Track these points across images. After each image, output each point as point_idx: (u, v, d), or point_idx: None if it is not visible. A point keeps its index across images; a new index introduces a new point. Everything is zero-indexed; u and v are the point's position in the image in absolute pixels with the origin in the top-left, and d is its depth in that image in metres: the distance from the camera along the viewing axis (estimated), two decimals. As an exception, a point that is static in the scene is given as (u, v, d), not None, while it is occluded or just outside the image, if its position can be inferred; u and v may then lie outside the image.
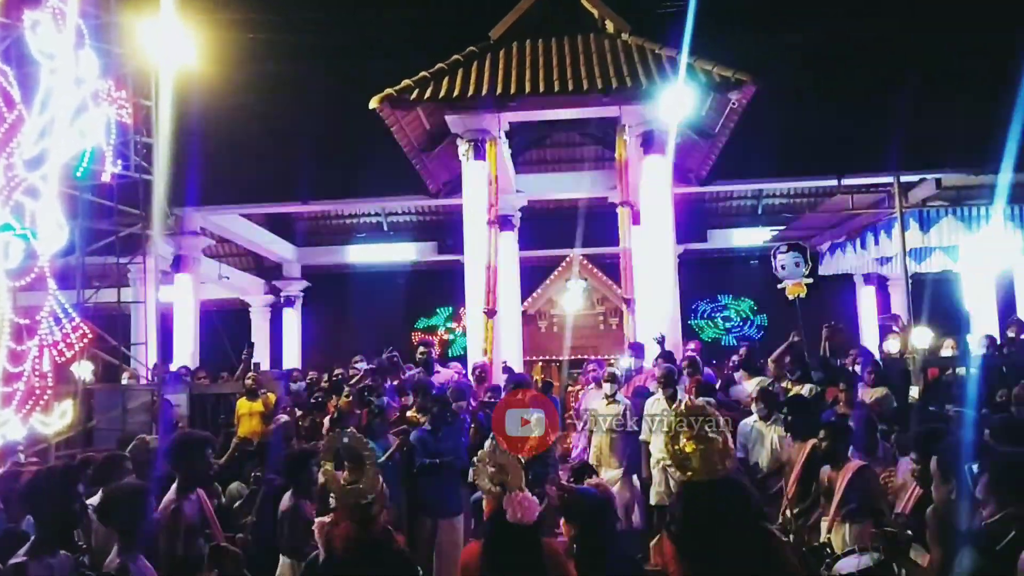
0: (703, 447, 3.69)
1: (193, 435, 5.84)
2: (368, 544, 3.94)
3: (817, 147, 14.26)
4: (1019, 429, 4.94)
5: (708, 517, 3.43)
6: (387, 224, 20.36)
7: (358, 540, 3.92)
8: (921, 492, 4.80)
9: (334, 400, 9.77)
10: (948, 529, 3.67)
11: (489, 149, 12.00)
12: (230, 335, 12.89)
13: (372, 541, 3.97)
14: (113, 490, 4.58)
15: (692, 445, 3.67)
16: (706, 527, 3.41)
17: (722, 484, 3.60)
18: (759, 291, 20.12)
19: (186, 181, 12.86)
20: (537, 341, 19.57)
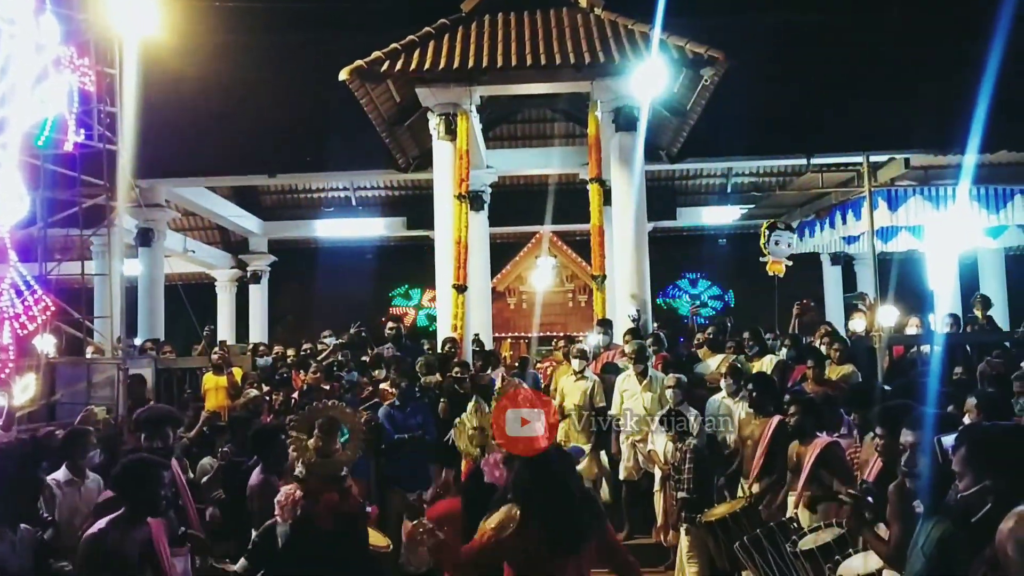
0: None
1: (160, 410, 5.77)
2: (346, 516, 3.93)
3: (787, 126, 14.34)
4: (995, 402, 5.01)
5: (547, 482, 3.51)
6: (356, 199, 20.18)
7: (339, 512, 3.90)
8: (883, 467, 4.87)
9: (301, 375, 9.73)
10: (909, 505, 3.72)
11: (460, 123, 11.89)
12: (196, 310, 12.72)
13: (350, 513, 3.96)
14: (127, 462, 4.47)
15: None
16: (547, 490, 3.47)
17: (553, 454, 3.74)
18: (727, 269, 20.29)
19: (151, 152, 12.62)
20: (506, 318, 19.61)
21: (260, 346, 12.05)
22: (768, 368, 8.68)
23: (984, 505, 2.62)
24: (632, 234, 11.88)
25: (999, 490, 2.57)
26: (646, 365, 8.62)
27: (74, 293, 10.21)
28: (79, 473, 5.66)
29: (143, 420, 5.45)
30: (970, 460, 2.69)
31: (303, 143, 15.46)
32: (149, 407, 6.11)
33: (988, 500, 2.61)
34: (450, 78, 11.77)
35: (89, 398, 8.57)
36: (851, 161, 12.22)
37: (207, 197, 17.53)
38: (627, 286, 11.74)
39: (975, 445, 2.73)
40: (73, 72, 8.39)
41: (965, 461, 2.71)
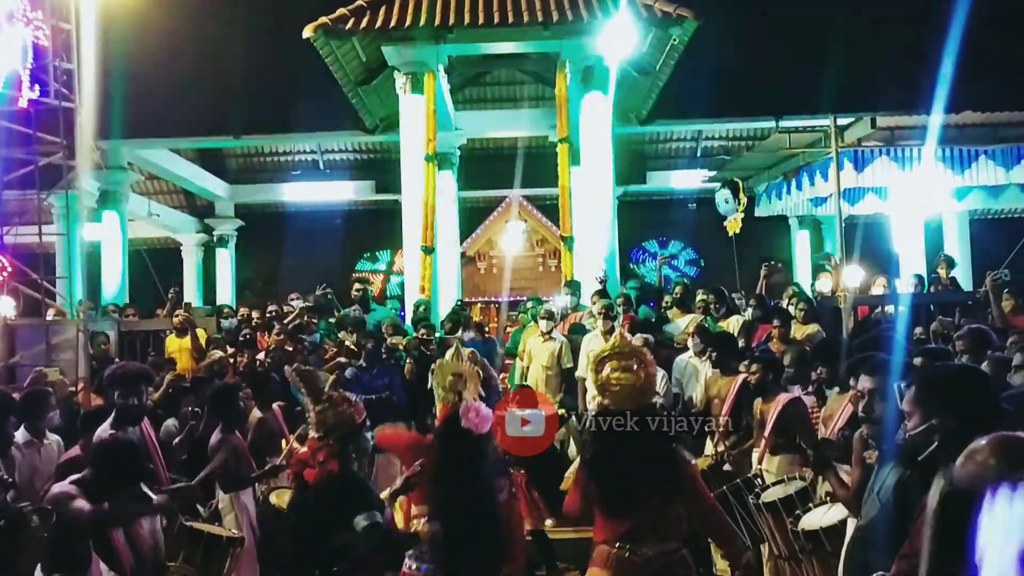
0: (625, 381, 3.84)
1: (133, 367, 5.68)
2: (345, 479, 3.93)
3: (756, 88, 14.32)
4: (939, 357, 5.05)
5: (619, 442, 3.62)
6: (323, 162, 19.92)
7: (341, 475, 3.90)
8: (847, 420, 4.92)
9: (267, 337, 9.64)
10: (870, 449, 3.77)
11: (427, 82, 11.75)
12: (161, 275, 12.55)
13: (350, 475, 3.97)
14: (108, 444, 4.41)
15: (616, 377, 3.82)
16: (616, 450, 3.61)
17: (637, 413, 3.78)
18: (696, 232, 20.33)
19: (112, 112, 12.35)
20: (476, 282, 19.56)
21: (225, 308, 11.91)
22: (735, 328, 8.73)
23: (930, 443, 2.64)
24: (600, 196, 11.86)
25: (946, 428, 2.59)
26: (613, 324, 8.63)
27: (34, 257, 10.01)
28: (38, 434, 5.58)
29: (118, 377, 5.34)
30: (918, 400, 2.71)
31: (269, 104, 15.21)
32: (123, 364, 5.99)
33: (934, 439, 2.62)
34: (417, 36, 11.62)
35: (49, 359, 8.44)
36: (819, 123, 12.24)
37: (171, 160, 17.21)
38: (595, 248, 11.74)
39: (923, 385, 2.75)
40: (27, 26, 8.15)
41: (913, 401, 2.72)
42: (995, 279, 8.34)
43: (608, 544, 3.73)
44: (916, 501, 2.75)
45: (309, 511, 3.88)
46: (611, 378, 3.90)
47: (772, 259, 11.32)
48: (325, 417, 3.94)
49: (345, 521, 3.69)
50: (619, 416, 3.82)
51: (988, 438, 2.00)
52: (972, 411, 2.56)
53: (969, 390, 2.68)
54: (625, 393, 3.88)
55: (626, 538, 3.68)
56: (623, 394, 3.88)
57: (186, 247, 21.04)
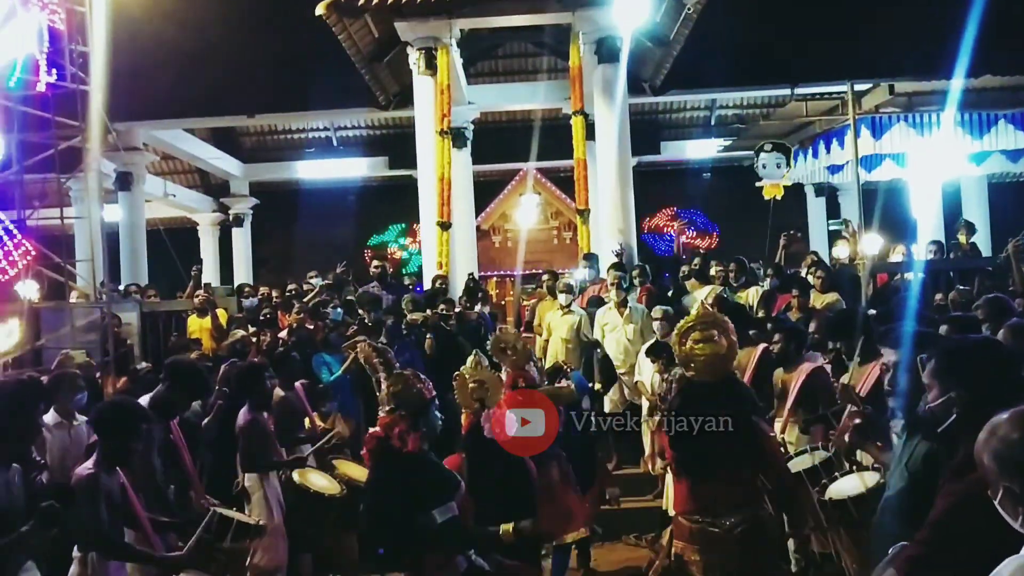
0: (709, 351, 3.88)
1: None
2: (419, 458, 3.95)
3: (771, 55, 14.16)
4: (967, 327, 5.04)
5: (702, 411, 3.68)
6: (336, 139, 19.93)
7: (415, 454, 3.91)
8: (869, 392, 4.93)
9: (287, 316, 9.71)
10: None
11: (440, 57, 11.71)
12: (180, 254, 12.64)
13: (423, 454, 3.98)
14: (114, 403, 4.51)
15: (700, 348, 3.86)
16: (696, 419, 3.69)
17: (721, 384, 3.83)
18: (712, 202, 20.26)
19: (127, 94, 12.37)
20: (491, 256, 19.58)
21: (246, 287, 11.98)
22: (754, 299, 8.74)
23: (949, 417, 2.66)
24: (616, 167, 11.82)
25: (963, 401, 2.61)
26: (626, 297, 8.65)
27: (55, 239, 10.10)
28: (67, 416, 5.67)
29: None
30: (938, 372, 2.73)
31: (282, 82, 15.18)
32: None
33: (953, 411, 2.65)
34: (429, 10, 11.56)
35: (74, 342, 8.54)
36: (835, 90, 12.13)
37: (186, 140, 17.26)
38: (611, 220, 11.73)
39: (943, 357, 2.77)
40: (42, 10, 8.17)
41: (933, 373, 2.74)
42: (1017, 244, 8.30)
43: (688, 516, 3.84)
44: (941, 473, 2.78)
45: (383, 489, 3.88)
46: (695, 349, 3.93)
47: (790, 228, 11.28)
48: (397, 392, 3.94)
49: (420, 502, 3.66)
50: (702, 386, 3.88)
51: (1010, 413, 2.01)
52: (990, 385, 2.57)
53: (986, 364, 2.69)
54: (709, 363, 3.93)
55: (706, 508, 3.78)
56: (708, 364, 3.93)
57: (202, 226, 21.16)
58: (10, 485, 3.81)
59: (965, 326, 4.81)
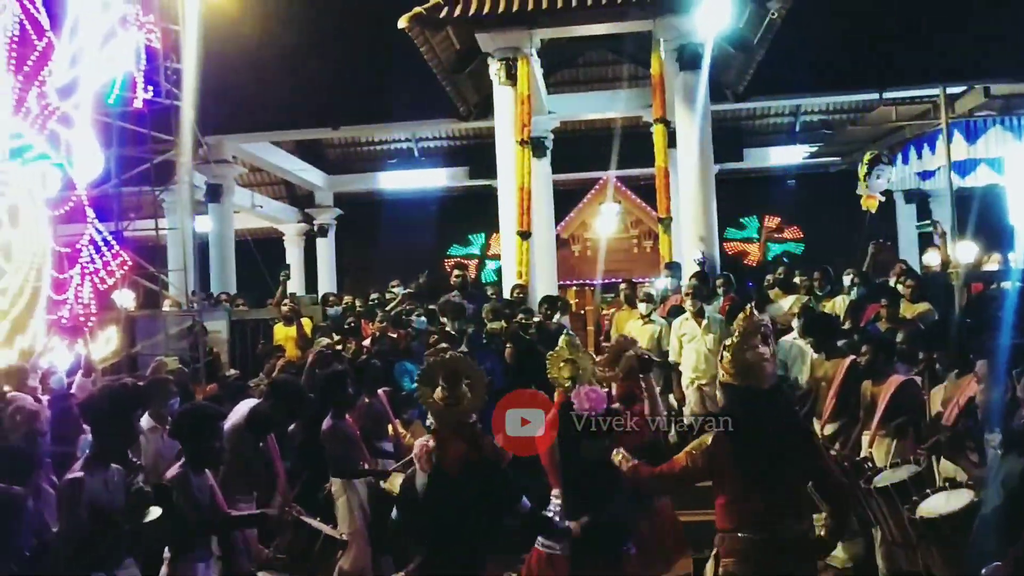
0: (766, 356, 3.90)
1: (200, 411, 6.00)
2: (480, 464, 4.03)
3: (858, 59, 13.82)
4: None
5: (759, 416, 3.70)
6: (418, 150, 20.21)
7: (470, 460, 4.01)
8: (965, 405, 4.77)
9: (370, 324, 9.87)
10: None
11: (521, 68, 11.76)
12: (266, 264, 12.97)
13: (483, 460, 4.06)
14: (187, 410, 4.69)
15: (757, 354, 3.84)
16: (758, 428, 3.60)
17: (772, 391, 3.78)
18: (797, 210, 19.86)
19: (216, 108, 12.78)
20: (571, 265, 19.53)
21: (330, 296, 12.22)
22: (840, 308, 8.52)
23: None
24: (697, 175, 11.68)
25: None
26: (703, 306, 8.53)
27: (149, 250, 10.49)
28: (161, 420, 5.87)
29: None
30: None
31: (365, 95, 15.48)
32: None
33: None
34: (510, 22, 11.62)
35: (166, 349, 8.84)
36: (927, 93, 11.77)
37: (272, 152, 17.75)
38: (693, 229, 11.59)
39: None
40: (139, 29, 8.50)
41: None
42: None
43: (740, 530, 3.70)
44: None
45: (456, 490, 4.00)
46: (748, 356, 3.88)
47: (879, 236, 10.98)
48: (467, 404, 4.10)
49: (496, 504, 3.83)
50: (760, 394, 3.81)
51: None
52: None
53: None
54: (765, 370, 3.86)
55: (763, 522, 3.65)
56: (764, 371, 3.86)
57: (288, 237, 21.68)
58: (111, 484, 3.98)
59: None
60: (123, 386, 4.52)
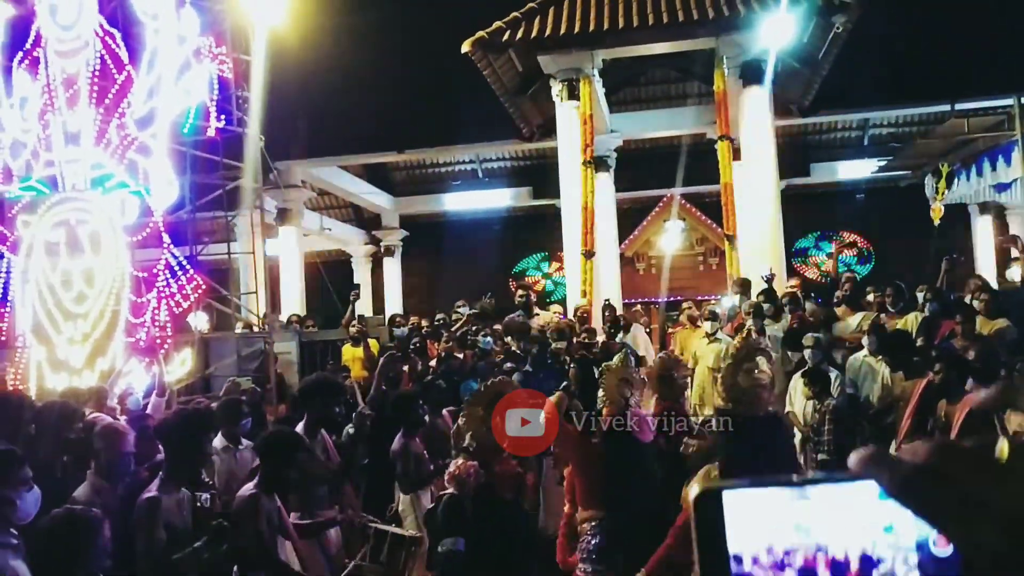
0: (757, 382, 3.71)
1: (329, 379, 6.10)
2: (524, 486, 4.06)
3: (927, 70, 13.55)
4: None
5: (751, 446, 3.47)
6: (482, 171, 20.40)
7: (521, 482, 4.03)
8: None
9: (437, 345, 9.96)
10: None
11: (583, 88, 11.83)
12: (335, 285, 13.21)
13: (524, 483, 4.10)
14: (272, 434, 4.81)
15: (749, 380, 3.69)
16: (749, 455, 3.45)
17: (765, 419, 3.63)
18: (867, 225, 19.48)
19: (286, 135, 13.13)
20: (635, 283, 19.45)
21: (397, 317, 12.37)
22: (913, 325, 8.32)
23: None
24: (763, 192, 11.57)
25: None
26: (763, 325, 8.42)
27: (222, 272, 10.77)
28: (234, 440, 6.00)
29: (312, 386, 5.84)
30: None
31: (429, 118, 15.72)
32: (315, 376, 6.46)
33: None
34: (572, 43, 11.72)
35: (240, 371, 9.05)
36: (1000, 104, 11.47)
37: (340, 176, 18.11)
38: (760, 245, 11.46)
39: None
40: (212, 61, 8.78)
41: None
42: None
43: None
44: None
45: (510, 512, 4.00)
46: (741, 381, 3.79)
47: (953, 252, 10.69)
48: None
49: None
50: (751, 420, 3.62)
51: None
52: None
53: None
54: (757, 396, 3.72)
55: None
56: (756, 398, 3.71)
57: (356, 258, 22.04)
58: (181, 506, 4.11)
59: None
60: (194, 411, 4.67)
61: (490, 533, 4.07)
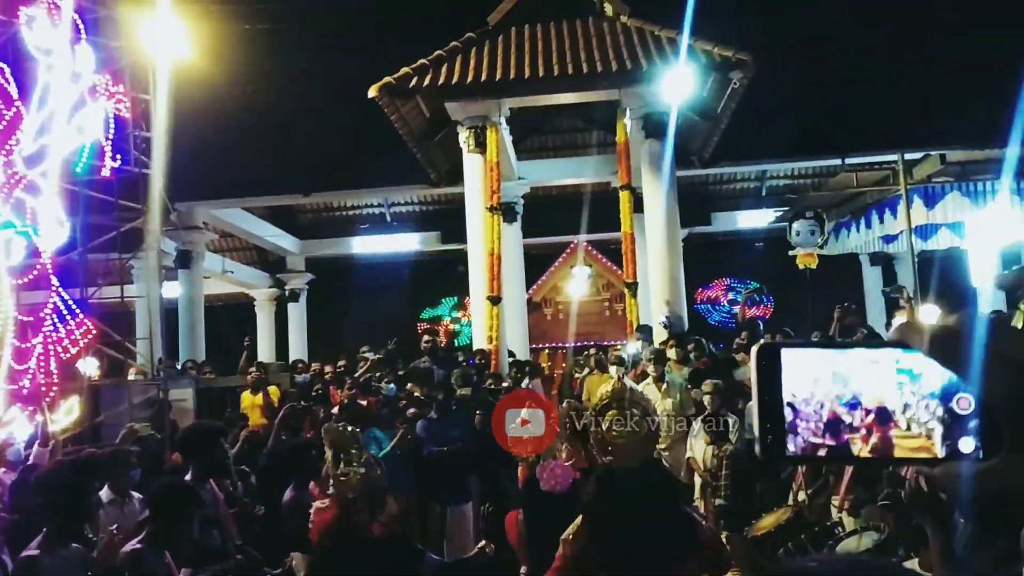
0: (628, 432, 3.61)
1: (208, 425, 5.85)
2: (348, 533, 3.90)
3: (820, 126, 14.17)
4: None
5: (622, 501, 3.31)
6: (390, 215, 20.31)
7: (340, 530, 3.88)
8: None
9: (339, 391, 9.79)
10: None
11: (490, 136, 11.94)
12: (236, 331, 12.89)
13: (353, 530, 3.93)
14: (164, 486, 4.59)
15: (616, 430, 3.59)
16: (620, 511, 3.27)
17: (641, 470, 3.49)
18: (765, 273, 20.08)
19: (188, 175, 12.81)
20: (543, 328, 19.57)
21: (298, 363, 12.15)
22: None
23: None
24: (664, 240, 11.83)
25: None
26: (664, 370, 8.57)
27: (116, 316, 10.37)
28: (122, 492, 5.73)
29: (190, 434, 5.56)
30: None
31: (336, 161, 15.59)
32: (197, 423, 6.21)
33: None
34: (479, 91, 11.83)
35: (131, 419, 8.69)
36: (886, 159, 12.06)
37: (244, 218, 17.76)
38: (661, 293, 11.69)
39: None
40: (109, 99, 8.54)
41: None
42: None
43: None
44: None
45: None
46: (612, 431, 3.68)
47: (845, 300, 11.11)
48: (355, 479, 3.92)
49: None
50: (623, 473, 3.42)
51: None
52: None
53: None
54: (628, 446, 3.56)
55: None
56: (627, 448, 3.55)
57: (259, 301, 21.57)
58: (66, 562, 3.88)
59: None
60: (76, 462, 4.44)
61: None
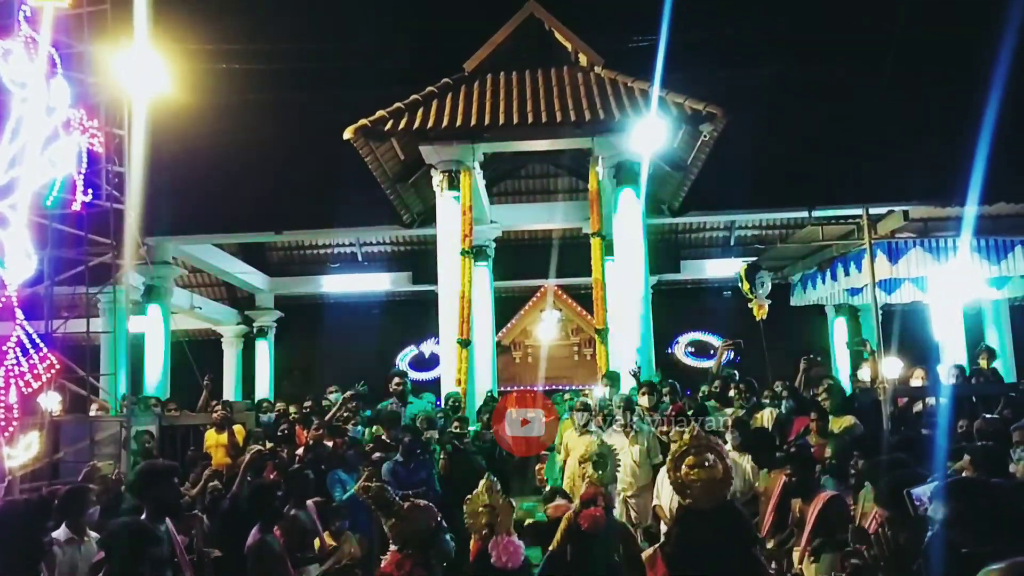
0: (705, 476, 3.75)
1: (158, 464, 5.76)
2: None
3: (788, 179, 14.47)
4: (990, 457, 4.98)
5: (701, 542, 3.53)
6: (362, 255, 20.30)
7: None
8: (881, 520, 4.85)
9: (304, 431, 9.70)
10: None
11: (463, 180, 12.04)
12: (202, 366, 12.75)
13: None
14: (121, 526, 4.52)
15: (695, 473, 3.73)
16: (699, 551, 3.50)
17: (719, 512, 3.70)
18: (731, 322, 20.24)
19: (159, 210, 12.78)
20: (512, 371, 19.60)
21: (264, 403, 12.04)
22: (768, 421, 8.65)
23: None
24: (633, 287, 11.93)
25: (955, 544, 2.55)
26: (632, 418, 8.59)
27: (80, 351, 10.23)
28: (79, 531, 5.64)
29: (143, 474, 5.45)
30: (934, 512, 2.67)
31: (309, 200, 15.62)
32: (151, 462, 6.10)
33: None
34: (453, 136, 11.96)
35: (92, 456, 8.55)
36: (851, 214, 12.30)
37: (214, 254, 17.67)
38: (630, 339, 11.76)
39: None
40: (82, 134, 8.52)
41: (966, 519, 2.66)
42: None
43: None
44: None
45: None
46: (690, 475, 3.79)
47: (811, 352, 11.25)
48: (400, 530, 3.89)
49: None
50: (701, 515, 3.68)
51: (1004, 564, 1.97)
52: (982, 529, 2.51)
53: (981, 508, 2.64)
54: (706, 489, 3.76)
55: None
56: (704, 491, 3.75)
57: (226, 339, 21.39)
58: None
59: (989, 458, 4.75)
60: (28, 501, 4.38)
61: None
